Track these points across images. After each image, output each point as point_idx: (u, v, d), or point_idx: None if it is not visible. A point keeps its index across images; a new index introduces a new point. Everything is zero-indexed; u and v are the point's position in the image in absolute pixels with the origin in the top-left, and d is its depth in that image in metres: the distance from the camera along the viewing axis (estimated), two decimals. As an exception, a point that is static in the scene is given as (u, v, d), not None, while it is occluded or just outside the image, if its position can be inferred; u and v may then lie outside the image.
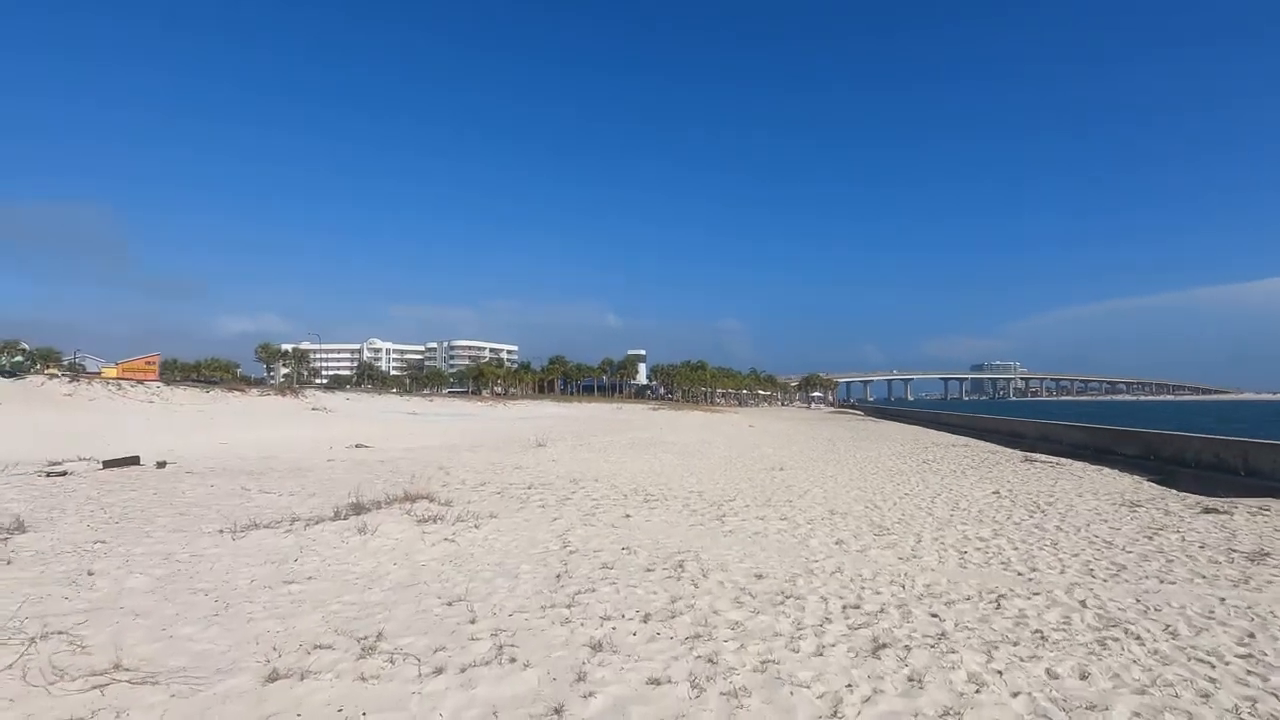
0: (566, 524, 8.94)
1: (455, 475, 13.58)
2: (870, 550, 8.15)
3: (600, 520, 9.30)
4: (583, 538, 8.13)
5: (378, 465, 15.29)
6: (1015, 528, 9.86)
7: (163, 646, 4.42)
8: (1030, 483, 15.09)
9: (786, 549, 8.03)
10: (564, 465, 16.51)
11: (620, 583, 6.22)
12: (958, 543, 8.75)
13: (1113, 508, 11.67)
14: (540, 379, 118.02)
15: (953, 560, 7.77)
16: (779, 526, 9.44)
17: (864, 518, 10.49)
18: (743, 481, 14.70)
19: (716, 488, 13.44)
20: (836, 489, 13.86)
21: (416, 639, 4.68)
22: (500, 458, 17.80)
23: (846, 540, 8.67)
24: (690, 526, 9.18)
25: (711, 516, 10.00)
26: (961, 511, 11.27)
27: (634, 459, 18.94)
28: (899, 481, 15.41)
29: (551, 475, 14.30)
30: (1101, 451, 23.01)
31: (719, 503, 11.40)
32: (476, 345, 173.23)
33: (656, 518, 9.70)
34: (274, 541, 7.23)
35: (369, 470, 14.20)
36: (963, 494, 13.41)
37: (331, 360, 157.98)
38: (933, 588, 6.50)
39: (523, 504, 10.32)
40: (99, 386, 37.60)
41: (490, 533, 8.13)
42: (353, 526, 7.76)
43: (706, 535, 8.66)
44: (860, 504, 11.93)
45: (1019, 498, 12.84)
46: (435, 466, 15.10)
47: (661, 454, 20.94)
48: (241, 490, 10.92)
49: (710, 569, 6.84)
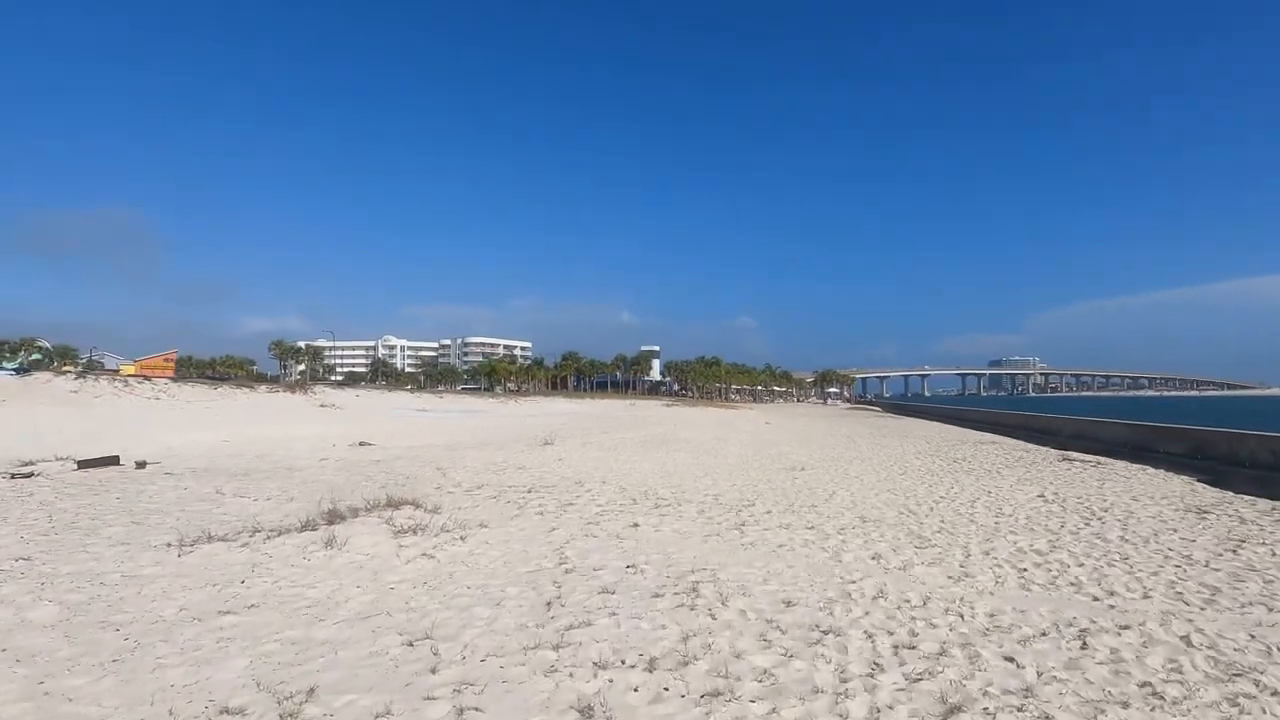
0: (566, 535, 7.92)
1: (451, 476, 12.62)
2: (914, 567, 7.06)
3: (604, 530, 8.28)
4: (582, 552, 7.11)
5: (372, 465, 14.38)
6: (1073, 538, 8.72)
7: (30, 708, 3.45)
8: (1075, 485, 13.88)
9: (817, 566, 6.96)
10: (570, 465, 15.51)
11: (622, 613, 5.18)
12: (1012, 557, 7.64)
13: (1176, 514, 10.47)
14: (553, 376, 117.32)
15: (1012, 580, 6.67)
16: (805, 537, 8.37)
17: (900, 526, 9.39)
18: (762, 483, 13.62)
19: (734, 491, 12.37)
20: (865, 492, 12.74)
21: (359, 697, 3.67)
22: (503, 457, 16.85)
23: (884, 554, 7.58)
24: (705, 538, 8.13)
25: (729, 525, 8.95)
26: (1007, 518, 10.13)
27: (645, 458, 17.92)
28: (932, 483, 14.25)
29: (555, 476, 13.31)
30: (1142, 449, 21.64)
31: (737, 508, 10.34)
32: (490, 342, 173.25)
33: (668, 527, 8.66)
34: (224, 558, 6.28)
35: (360, 471, 13.29)
36: (1004, 497, 12.25)
37: (347, 357, 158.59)
38: (998, 618, 5.41)
39: (519, 510, 9.32)
40: (105, 383, 37.15)
41: (477, 546, 7.13)
42: (319, 539, 6.80)
43: (724, 548, 7.61)
44: (893, 509, 10.82)
45: (1068, 502, 11.66)
46: (433, 466, 14.16)
47: (674, 453, 19.90)
48: (215, 494, 10.02)
49: (729, 593, 5.79)
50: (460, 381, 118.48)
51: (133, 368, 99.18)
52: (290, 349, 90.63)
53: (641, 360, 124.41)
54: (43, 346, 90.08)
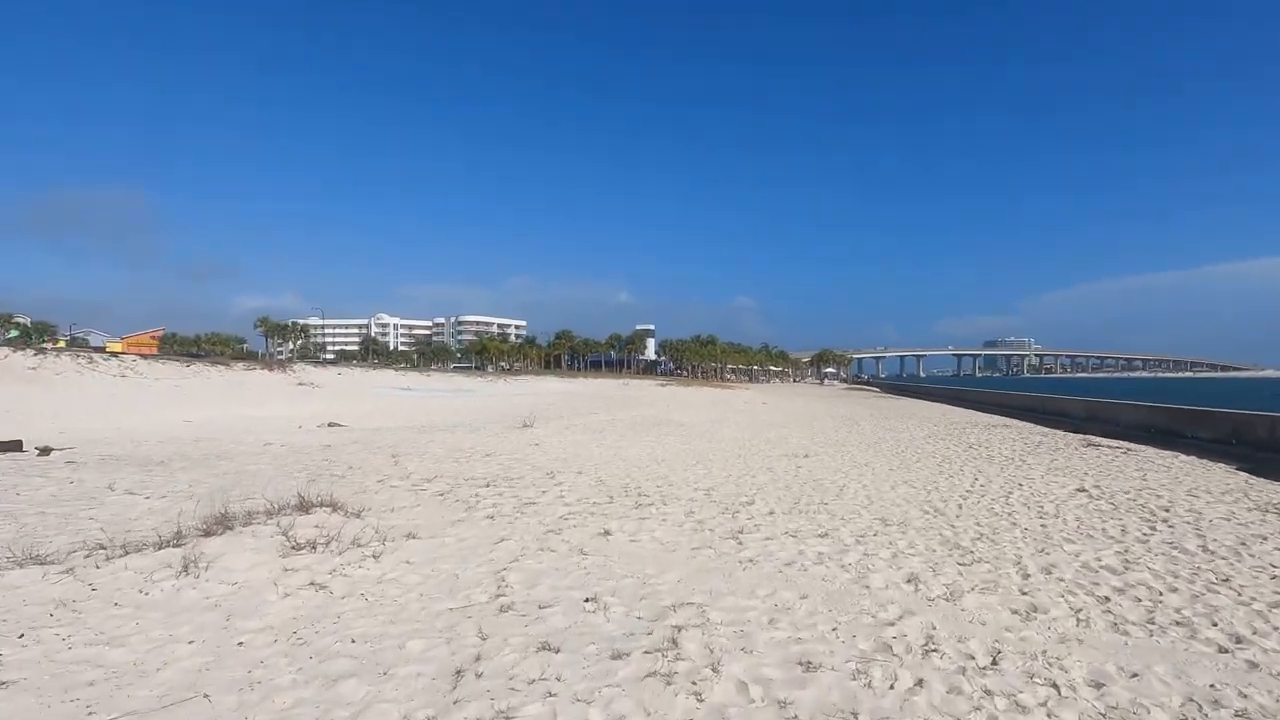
0: (516, 548, 6.25)
1: (404, 466, 10.93)
2: (963, 595, 5.41)
3: (567, 541, 6.60)
4: (532, 576, 5.43)
5: (320, 451, 12.67)
6: (1144, 549, 7.09)
7: None
8: (1114, 476, 12.27)
9: (837, 595, 5.31)
10: (546, 451, 13.84)
11: (564, 690, 3.52)
12: (1081, 577, 6.01)
13: (1252, 514, 8.85)
14: (547, 354, 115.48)
15: (1097, 616, 5.03)
16: (818, 550, 6.71)
17: (929, 530, 7.75)
18: (761, 473, 11.98)
19: (730, 483, 10.72)
20: (879, 484, 11.11)
21: None
22: (474, 441, 15.16)
23: (921, 575, 5.93)
24: (694, 551, 6.46)
25: (724, 532, 7.28)
26: (1054, 520, 8.51)
27: (632, 443, 16.26)
28: (951, 473, 12.63)
29: (526, 465, 11.64)
30: (1166, 434, 20.10)
31: (733, 507, 8.69)
32: (485, 321, 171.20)
33: (647, 535, 6.99)
34: (33, 590, 4.58)
35: (303, 459, 11.58)
36: (1040, 491, 10.64)
37: (340, 335, 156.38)
38: (1107, 692, 3.76)
39: (467, 511, 7.63)
40: (68, 360, 35.25)
41: (393, 568, 5.45)
42: (178, 560, 5.10)
43: (717, 568, 5.95)
44: (916, 507, 9.19)
45: (1116, 498, 10.05)
46: (388, 453, 12.46)
47: (665, 436, 18.25)
48: (105, 489, 8.31)
49: (723, 648, 4.13)
50: (453, 360, 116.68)
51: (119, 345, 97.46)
52: (276, 326, 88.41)
53: (636, 339, 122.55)
54: (20, 323, 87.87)
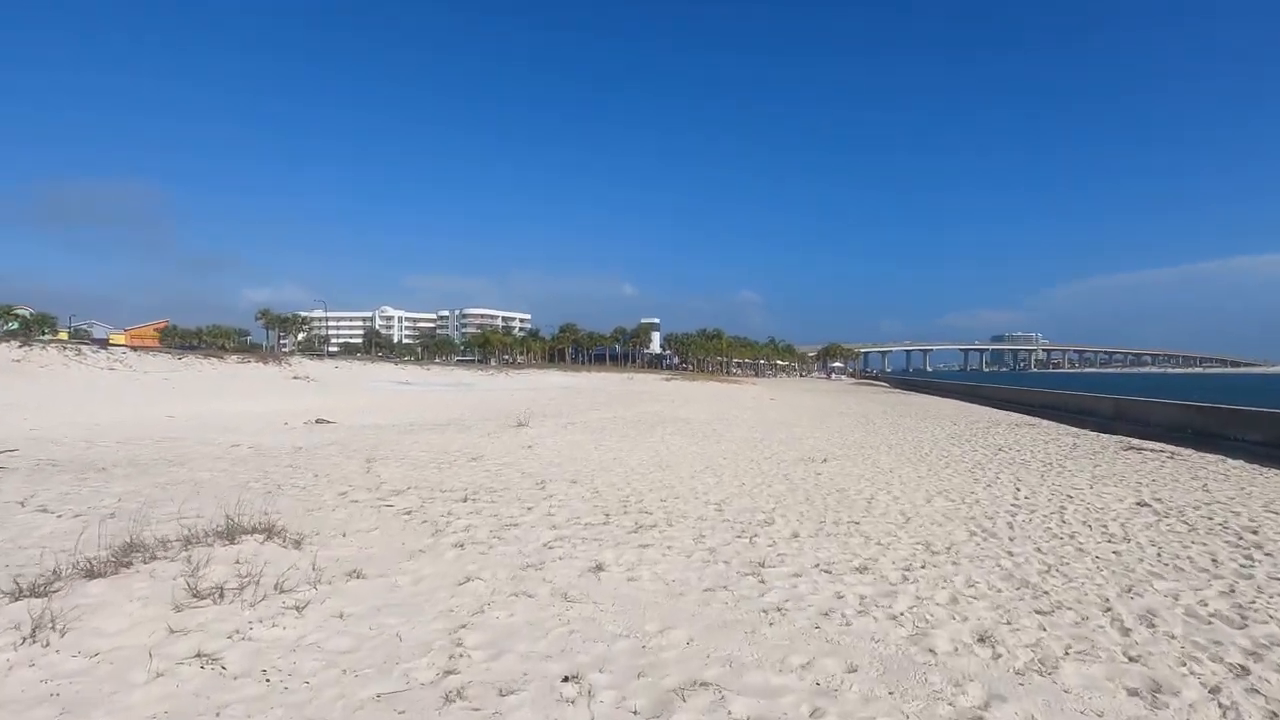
0: (484, 591, 5.01)
1: (375, 474, 9.71)
2: (1058, 665, 4.14)
3: (549, 580, 5.36)
4: (496, 638, 4.19)
5: (288, 455, 11.47)
6: (1253, 587, 5.81)
7: None
8: (1173, 487, 10.96)
9: (896, 667, 4.05)
10: (540, 455, 12.61)
11: None
12: (1196, 633, 4.74)
13: (1356, 539, 7.57)
14: (550, 347, 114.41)
15: (1242, 699, 3.77)
16: (859, 589, 5.46)
17: (984, 559, 6.49)
18: (777, 481, 10.73)
19: (743, 494, 9.47)
20: (910, 495, 9.85)
21: None
22: (463, 442, 13.95)
23: (994, 630, 4.67)
24: (706, 594, 5.21)
25: (742, 564, 6.02)
26: (1124, 544, 7.23)
27: (634, 444, 15.01)
28: (987, 481, 11.35)
29: (515, 472, 10.41)
30: (1204, 435, 18.77)
31: (750, 528, 7.44)
32: (489, 313, 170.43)
33: (648, 569, 5.74)
34: None
35: (264, 465, 10.38)
36: (1092, 504, 9.37)
37: (344, 327, 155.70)
38: None
39: (433, 537, 6.39)
40: (55, 352, 34.20)
41: (318, 626, 4.21)
42: (27, 619, 3.87)
43: (736, 619, 4.70)
44: (960, 526, 7.93)
45: (1186, 515, 8.76)
46: (363, 457, 11.25)
47: (670, 437, 17.00)
48: (18, 505, 7.12)
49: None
50: (456, 353, 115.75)
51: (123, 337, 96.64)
52: (277, 319, 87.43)
53: (641, 333, 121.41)
54: (21, 314, 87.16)
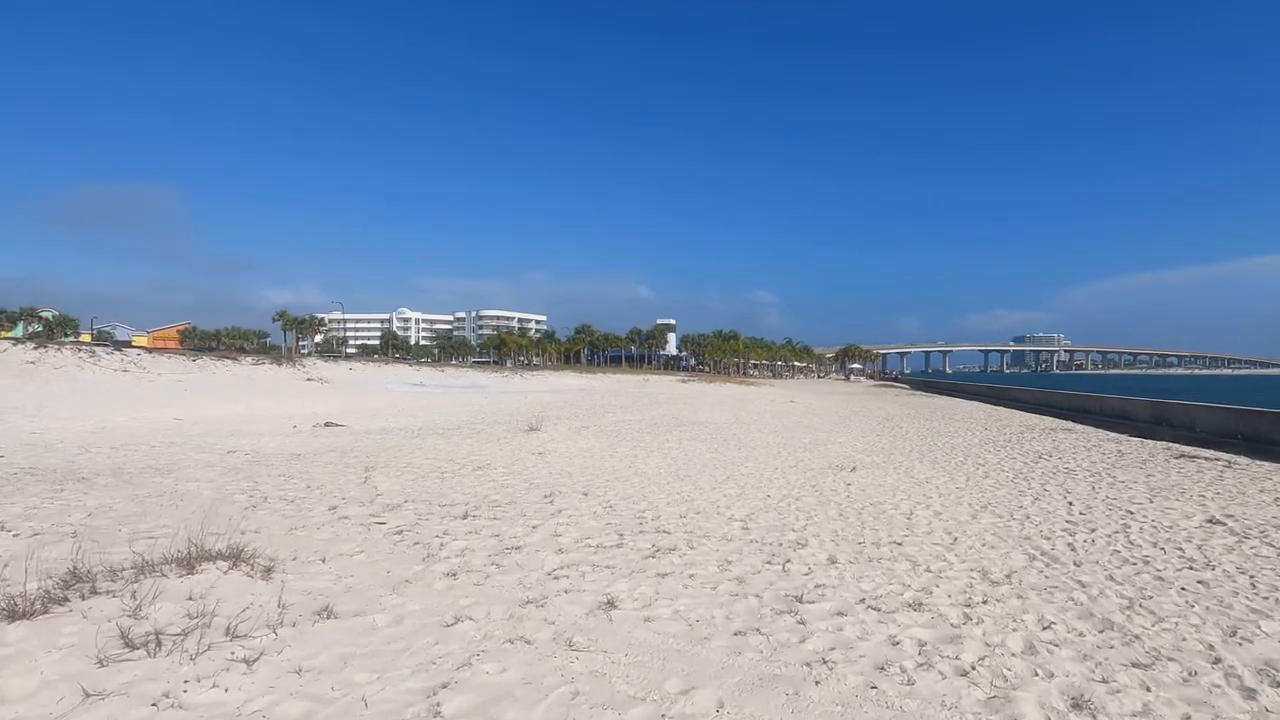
0: (475, 635, 4.25)
1: (373, 484, 9.03)
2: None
3: (552, 618, 4.59)
4: (482, 705, 3.41)
5: (284, 463, 10.83)
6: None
7: None
8: (1237, 499, 9.96)
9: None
10: (550, 462, 11.88)
11: None
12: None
13: None
14: (566, 349, 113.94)
15: None
16: (916, 632, 4.63)
17: (1054, 592, 5.62)
18: (805, 493, 9.90)
19: (770, 509, 8.66)
20: (952, 509, 8.96)
21: None
22: (470, 448, 13.26)
23: (1089, 691, 3.80)
24: (736, 638, 4.41)
25: (775, 598, 5.21)
26: (1209, 571, 6.32)
27: (651, 450, 14.24)
28: (1035, 494, 10.41)
29: (523, 483, 9.68)
30: (1258, 442, 17.62)
31: (781, 551, 6.63)
32: (505, 315, 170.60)
33: (667, 605, 4.96)
34: None
35: (256, 475, 9.74)
36: (1158, 521, 8.43)
37: (361, 329, 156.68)
38: None
39: (424, 562, 5.65)
40: (68, 354, 34.18)
41: (268, 686, 3.47)
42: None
43: (773, 674, 3.88)
44: (1016, 548, 7.05)
45: (1267, 534, 7.79)
46: (362, 466, 10.59)
47: (688, 441, 16.21)
48: (-25, 521, 6.50)
49: None
50: (472, 355, 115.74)
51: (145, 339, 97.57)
52: (295, 320, 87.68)
53: (657, 334, 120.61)
54: (44, 316, 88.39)
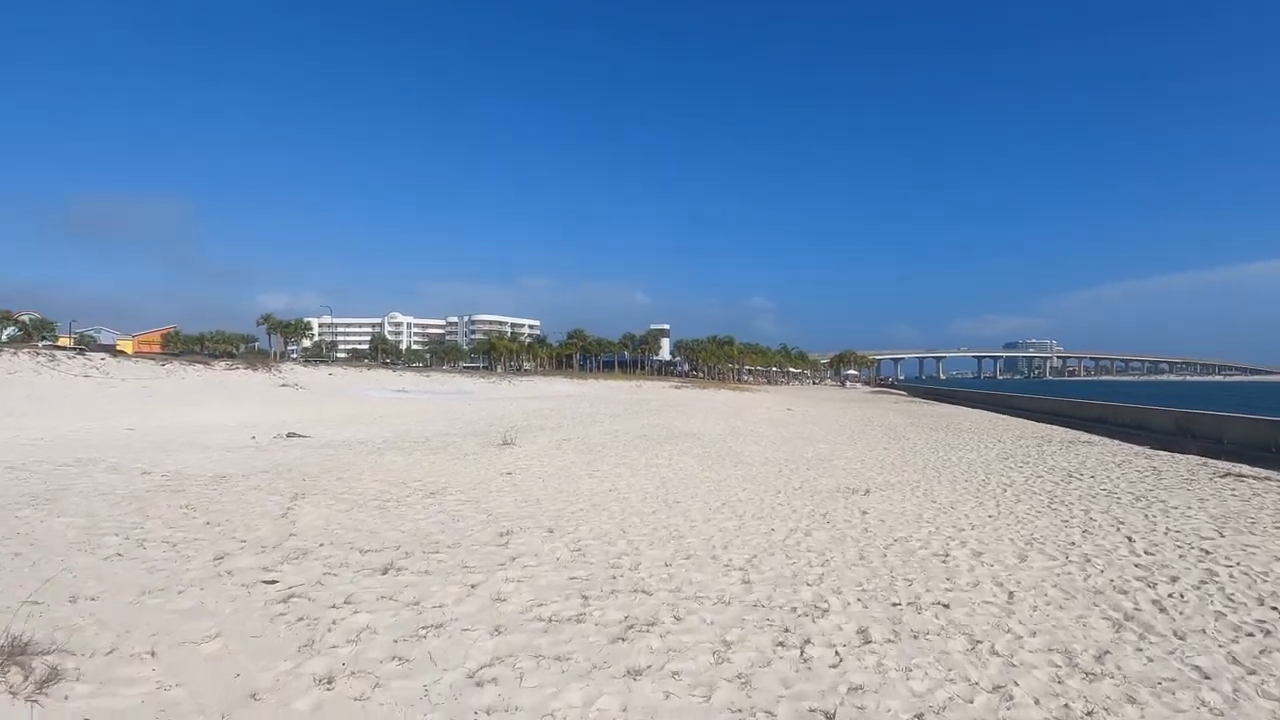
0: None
1: (291, 519, 7.39)
2: None
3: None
4: None
5: (198, 489, 9.15)
6: None
7: None
8: (1325, 532, 8.48)
9: None
10: (519, 484, 10.27)
11: None
12: None
13: None
14: (558, 354, 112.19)
15: None
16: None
17: (1177, 690, 4.07)
18: (817, 526, 8.32)
19: (776, 549, 7.06)
20: (994, 548, 7.40)
21: None
22: (429, 466, 11.64)
23: None
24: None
25: (794, 715, 3.64)
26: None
27: (636, 469, 12.65)
28: (1082, 524, 8.84)
29: (478, 515, 8.07)
30: (1295, 455, 16.23)
31: (795, 622, 5.03)
32: (498, 320, 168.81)
33: (639, 731, 3.38)
34: None
35: (153, 508, 8.08)
36: (1256, 571, 6.91)
37: (352, 334, 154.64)
38: None
39: (295, 657, 4.02)
40: (25, 358, 32.36)
41: None
42: None
43: None
44: (1094, 610, 5.49)
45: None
46: (292, 492, 8.95)
47: (679, 457, 14.63)
48: None
49: None
50: (463, 360, 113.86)
51: (130, 343, 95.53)
52: (279, 324, 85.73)
53: (650, 339, 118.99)
54: (22, 320, 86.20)
